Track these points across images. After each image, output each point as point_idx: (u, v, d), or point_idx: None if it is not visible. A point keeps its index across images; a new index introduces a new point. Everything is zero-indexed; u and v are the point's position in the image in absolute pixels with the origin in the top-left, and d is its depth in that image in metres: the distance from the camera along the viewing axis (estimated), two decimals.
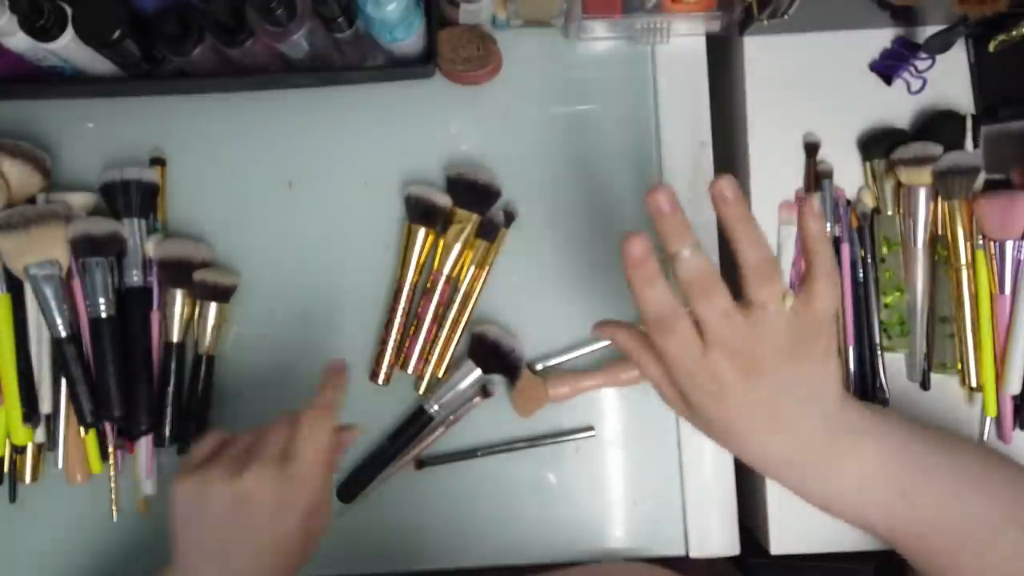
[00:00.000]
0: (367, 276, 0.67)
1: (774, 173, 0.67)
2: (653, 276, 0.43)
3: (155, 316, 0.64)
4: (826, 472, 0.46)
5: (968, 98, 0.67)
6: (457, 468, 0.66)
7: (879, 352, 0.66)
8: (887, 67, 0.67)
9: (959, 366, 0.65)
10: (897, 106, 0.67)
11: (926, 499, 0.46)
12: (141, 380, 0.63)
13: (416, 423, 0.64)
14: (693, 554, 0.66)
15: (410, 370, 0.65)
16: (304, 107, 0.67)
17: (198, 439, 0.53)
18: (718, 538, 0.66)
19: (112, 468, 0.64)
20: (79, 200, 0.64)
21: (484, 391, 0.65)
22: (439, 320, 0.65)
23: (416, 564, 0.66)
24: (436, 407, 0.63)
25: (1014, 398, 0.64)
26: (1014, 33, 0.62)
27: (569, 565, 0.59)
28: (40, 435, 0.63)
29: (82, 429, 0.63)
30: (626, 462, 0.66)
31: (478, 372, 0.63)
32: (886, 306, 0.66)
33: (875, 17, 0.66)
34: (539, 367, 0.66)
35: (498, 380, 0.66)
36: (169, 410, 0.63)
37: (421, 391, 0.66)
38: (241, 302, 0.66)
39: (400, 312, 0.65)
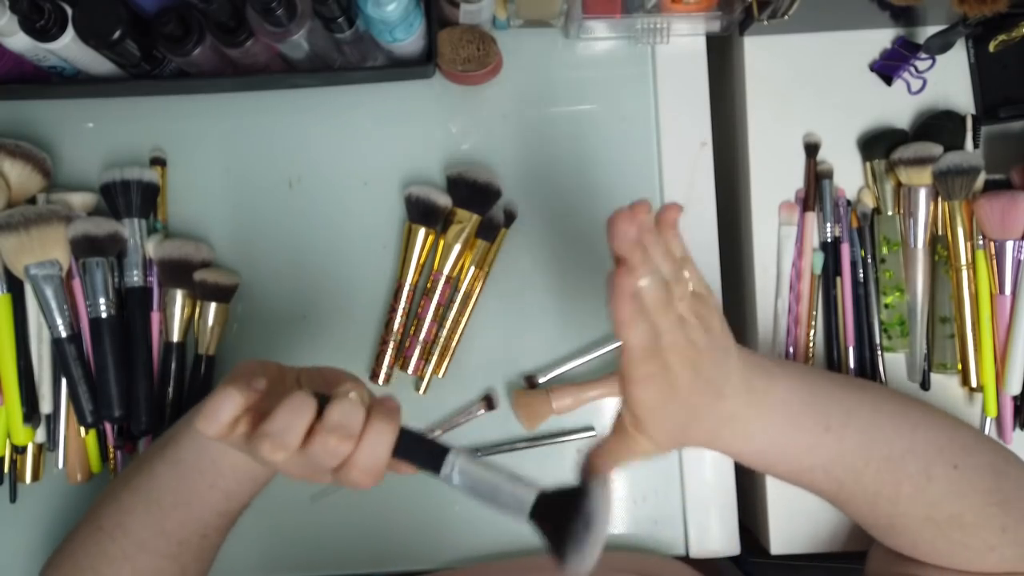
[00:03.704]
0: (367, 276, 0.67)
1: (774, 173, 0.67)
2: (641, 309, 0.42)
3: (155, 316, 0.64)
4: (756, 413, 0.47)
5: (968, 98, 0.67)
6: None
7: (879, 352, 0.66)
8: (887, 67, 0.67)
9: (959, 366, 0.65)
10: (897, 106, 0.67)
11: (850, 431, 0.48)
12: (141, 380, 0.63)
13: (429, 455, 0.43)
14: (693, 554, 0.66)
15: (410, 370, 0.65)
16: (304, 107, 0.67)
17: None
18: (718, 538, 0.66)
19: (112, 468, 0.64)
20: (79, 200, 0.64)
21: (488, 403, 0.65)
22: (439, 320, 0.65)
23: (415, 563, 0.66)
24: (456, 477, 0.42)
25: (1014, 398, 0.64)
26: (1014, 33, 0.62)
27: None
28: (40, 435, 0.63)
29: (82, 429, 0.63)
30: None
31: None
32: (886, 306, 0.66)
33: (875, 17, 0.66)
34: (541, 380, 0.66)
35: (502, 393, 0.66)
36: (169, 410, 0.63)
37: (421, 391, 0.66)
38: (241, 302, 0.66)
39: (400, 312, 0.65)
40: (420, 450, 0.42)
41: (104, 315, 0.61)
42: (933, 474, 0.48)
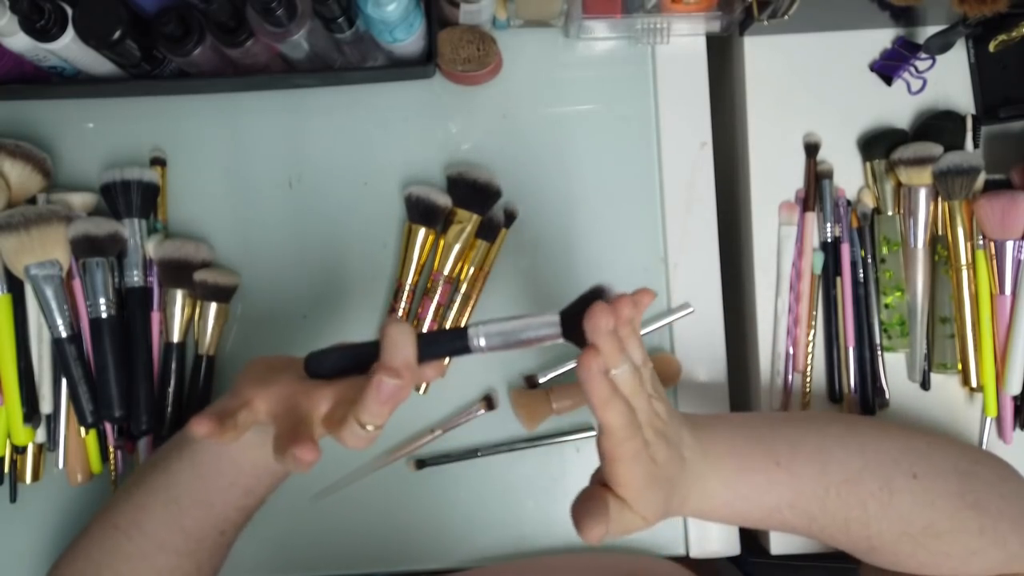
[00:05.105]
0: (367, 276, 0.67)
1: (774, 173, 0.67)
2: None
3: (155, 316, 0.64)
4: (710, 466, 0.48)
5: (968, 98, 0.67)
6: (457, 468, 0.66)
7: (879, 352, 0.66)
8: (887, 67, 0.67)
9: (959, 366, 0.65)
10: (897, 106, 0.67)
11: (801, 461, 0.49)
12: (141, 380, 0.63)
13: (451, 338, 0.44)
14: (693, 554, 0.66)
15: None
16: (304, 107, 0.67)
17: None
18: (718, 538, 0.66)
19: (112, 468, 0.64)
20: (79, 200, 0.64)
21: (488, 403, 0.65)
22: (439, 320, 0.65)
23: (416, 563, 0.66)
24: (482, 340, 0.43)
25: (1014, 398, 0.64)
26: (1014, 33, 0.62)
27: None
28: (41, 435, 0.63)
29: (82, 429, 0.63)
30: None
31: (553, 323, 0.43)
32: (886, 306, 0.66)
33: (875, 17, 0.66)
34: (541, 380, 0.66)
35: (502, 393, 0.66)
36: (169, 410, 0.63)
37: (422, 391, 0.66)
38: (241, 302, 0.66)
39: (400, 312, 0.65)
40: (442, 342, 0.44)
41: (104, 315, 0.61)
42: (895, 487, 0.48)
